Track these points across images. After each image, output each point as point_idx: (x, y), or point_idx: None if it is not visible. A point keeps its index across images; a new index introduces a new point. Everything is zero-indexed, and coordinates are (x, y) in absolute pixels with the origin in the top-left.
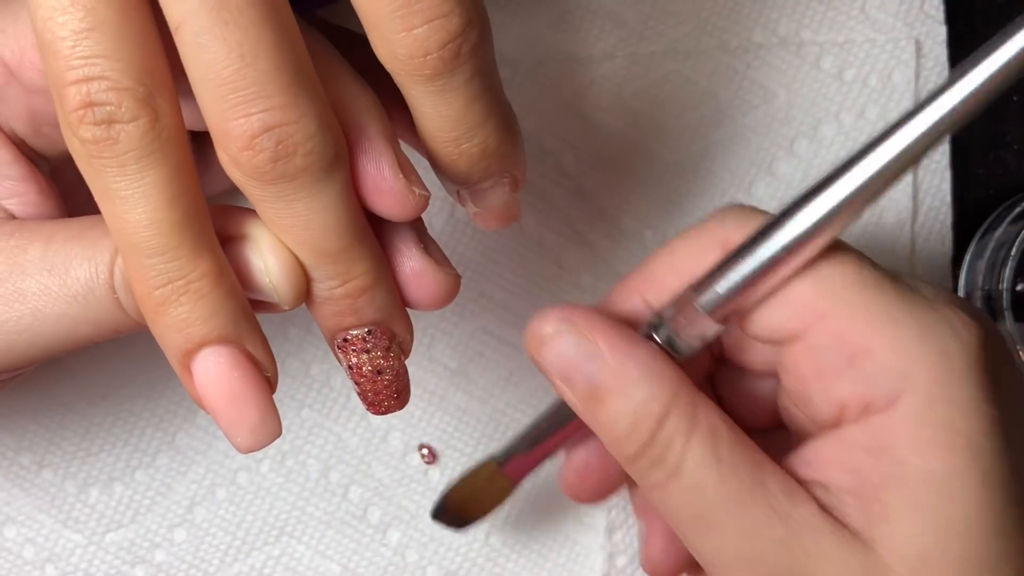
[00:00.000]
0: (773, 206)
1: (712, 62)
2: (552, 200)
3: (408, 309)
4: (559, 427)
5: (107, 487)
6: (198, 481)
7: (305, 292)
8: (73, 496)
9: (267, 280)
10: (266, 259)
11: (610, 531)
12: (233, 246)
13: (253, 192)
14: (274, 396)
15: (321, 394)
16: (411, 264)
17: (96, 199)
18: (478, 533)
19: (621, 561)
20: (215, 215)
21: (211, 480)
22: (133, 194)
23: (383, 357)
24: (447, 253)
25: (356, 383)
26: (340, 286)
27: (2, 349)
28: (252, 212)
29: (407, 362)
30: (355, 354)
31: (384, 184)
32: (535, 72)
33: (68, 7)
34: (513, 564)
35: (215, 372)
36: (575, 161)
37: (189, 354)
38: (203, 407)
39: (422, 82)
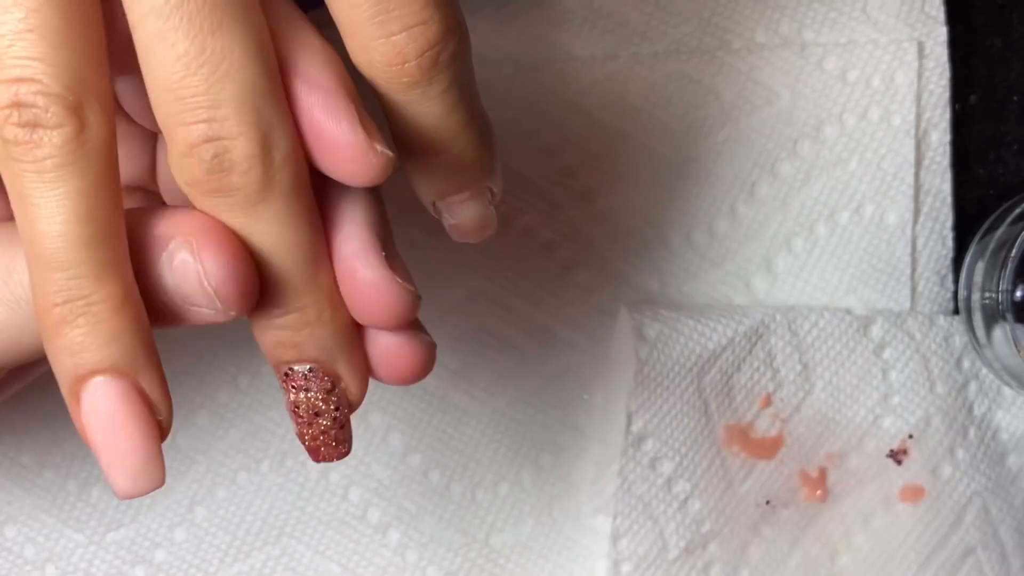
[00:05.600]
0: (775, 207)
1: (715, 62)
2: (553, 199)
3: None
4: None
5: (108, 486)
6: (198, 480)
7: (255, 296)
8: (74, 495)
9: (205, 284)
10: (203, 259)
11: (615, 538)
12: (164, 248)
13: (194, 201)
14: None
15: None
16: (365, 273)
17: (11, 204)
18: (478, 534)
19: (626, 568)
20: (142, 217)
21: (211, 480)
22: (46, 203)
23: (323, 400)
24: (447, 250)
25: (294, 423)
26: (281, 316)
27: None
28: (186, 211)
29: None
30: (294, 391)
31: (342, 139)
32: (537, 71)
33: (9, 7)
34: (513, 565)
35: (102, 405)
36: (577, 161)
37: (79, 381)
38: (86, 441)
39: (400, 90)
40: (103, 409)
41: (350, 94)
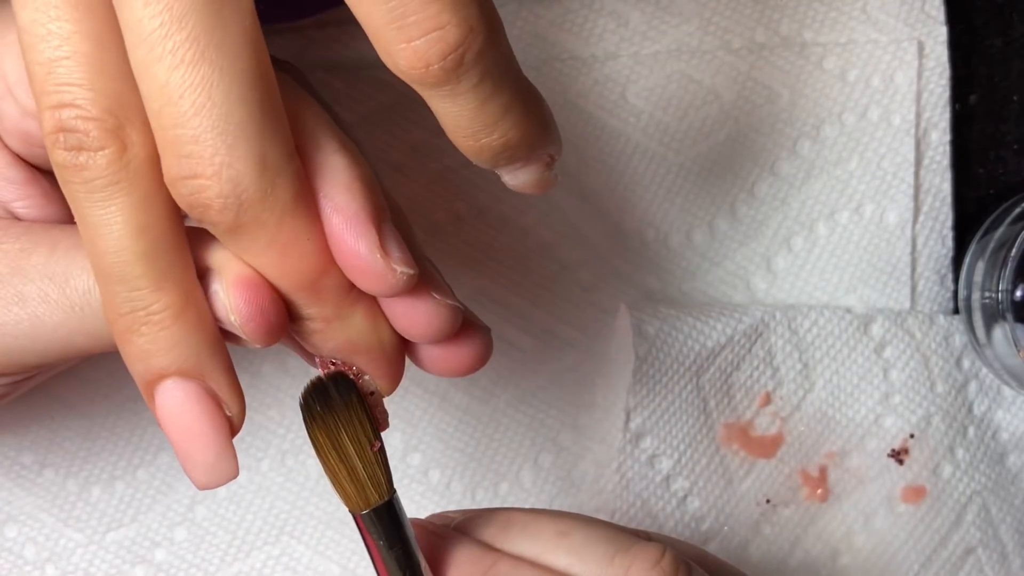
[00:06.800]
0: (775, 206)
1: (716, 62)
2: (554, 199)
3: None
4: None
5: (108, 486)
6: None
7: (281, 332)
8: (75, 495)
9: (232, 319)
10: (231, 295)
11: None
12: (202, 280)
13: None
14: (283, 397)
15: None
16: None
17: (76, 221)
18: None
19: None
20: (195, 239)
21: None
22: (100, 220)
23: None
24: (447, 250)
25: None
26: (290, 323)
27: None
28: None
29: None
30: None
31: (360, 262)
32: (539, 71)
33: (45, 36)
34: None
35: (172, 405)
36: (577, 161)
37: (151, 384)
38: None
39: (429, 88)
40: (174, 409)
41: (372, 216)
